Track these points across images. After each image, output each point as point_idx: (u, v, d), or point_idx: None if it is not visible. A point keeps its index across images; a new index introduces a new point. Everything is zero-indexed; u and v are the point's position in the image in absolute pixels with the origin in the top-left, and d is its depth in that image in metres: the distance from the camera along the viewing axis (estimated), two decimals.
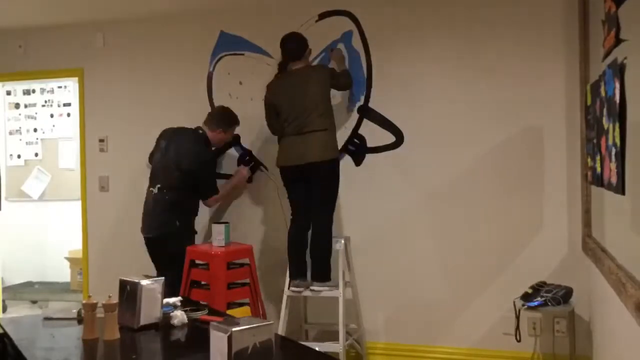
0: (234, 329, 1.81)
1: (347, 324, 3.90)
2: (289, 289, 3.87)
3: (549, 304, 3.37)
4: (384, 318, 4.16)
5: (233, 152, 4.51)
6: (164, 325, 2.54)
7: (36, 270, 6.52)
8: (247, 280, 3.95)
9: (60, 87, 6.48)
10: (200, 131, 4.16)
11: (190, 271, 3.93)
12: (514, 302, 3.50)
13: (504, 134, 3.90)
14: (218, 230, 3.96)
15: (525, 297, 3.47)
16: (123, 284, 2.56)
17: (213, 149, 4.23)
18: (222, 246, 3.91)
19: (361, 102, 4.20)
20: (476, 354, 3.95)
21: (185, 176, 4.03)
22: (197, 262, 3.98)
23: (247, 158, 4.47)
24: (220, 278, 3.77)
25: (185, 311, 2.64)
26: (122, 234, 4.77)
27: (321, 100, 3.81)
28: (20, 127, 6.61)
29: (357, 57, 4.20)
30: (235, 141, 4.46)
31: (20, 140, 6.62)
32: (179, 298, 2.94)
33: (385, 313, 4.16)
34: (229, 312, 3.32)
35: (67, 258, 6.22)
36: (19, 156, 6.62)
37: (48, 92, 6.55)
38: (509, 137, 3.89)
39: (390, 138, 4.14)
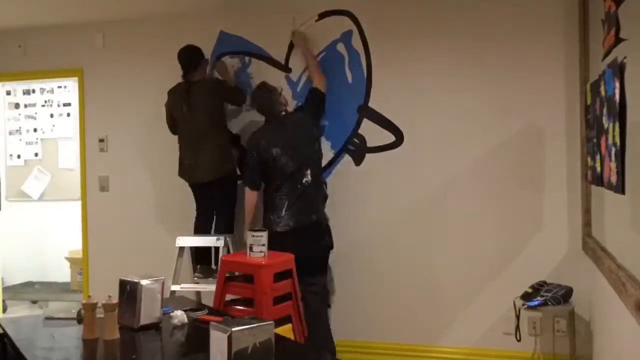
0: (234, 329, 1.81)
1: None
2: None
3: (549, 303, 3.37)
4: (384, 318, 4.16)
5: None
6: (164, 325, 2.54)
7: (36, 270, 6.51)
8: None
9: (60, 87, 6.47)
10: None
11: (227, 285, 3.40)
12: (514, 301, 3.50)
13: (504, 133, 3.90)
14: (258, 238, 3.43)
15: (525, 296, 3.47)
16: (123, 284, 2.56)
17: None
18: (263, 256, 3.41)
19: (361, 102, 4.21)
20: (476, 354, 3.95)
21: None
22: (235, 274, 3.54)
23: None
24: (267, 292, 3.26)
25: (185, 311, 2.64)
26: (122, 234, 4.77)
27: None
28: (20, 127, 6.60)
29: (357, 57, 4.20)
30: (235, 141, 4.45)
31: (20, 140, 6.62)
32: None
33: (385, 313, 4.16)
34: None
35: (67, 258, 6.22)
36: (19, 156, 6.62)
37: (48, 92, 6.55)
38: (509, 136, 3.89)
39: (390, 138, 4.14)
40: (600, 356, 3.21)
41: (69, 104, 6.44)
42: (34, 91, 6.56)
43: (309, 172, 3.87)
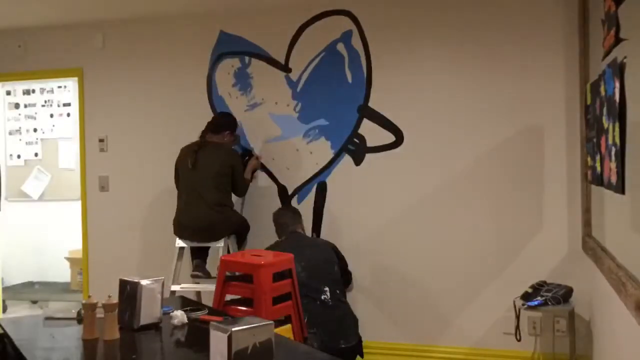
0: (234, 329, 1.80)
1: None
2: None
3: (549, 303, 3.37)
4: (384, 318, 4.17)
5: None
6: (164, 325, 2.54)
7: (36, 270, 6.51)
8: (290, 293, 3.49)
9: (60, 87, 6.47)
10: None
11: (226, 285, 3.38)
12: (514, 301, 3.50)
13: (504, 133, 3.91)
14: None
15: (525, 296, 3.47)
16: (123, 284, 2.55)
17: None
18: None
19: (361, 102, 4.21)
20: (476, 354, 3.95)
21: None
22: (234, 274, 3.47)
23: (247, 158, 4.47)
24: (266, 292, 3.24)
25: (185, 311, 2.63)
26: (122, 233, 4.77)
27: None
28: (20, 127, 6.60)
29: (357, 57, 4.20)
30: (236, 141, 4.46)
31: (20, 140, 6.61)
32: None
33: (385, 313, 4.16)
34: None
35: (67, 258, 6.22)
36: (19, 156, 6.62)
37: (48, 92, 6.55)
38: (509, 136, 3.90)
39: (390, 138, 4.14)
40: (600, 356, 3.21)
41: (69, 104, 6.44)
42: (34, 91, 6.56)
43: (327, 289, 3.67)
